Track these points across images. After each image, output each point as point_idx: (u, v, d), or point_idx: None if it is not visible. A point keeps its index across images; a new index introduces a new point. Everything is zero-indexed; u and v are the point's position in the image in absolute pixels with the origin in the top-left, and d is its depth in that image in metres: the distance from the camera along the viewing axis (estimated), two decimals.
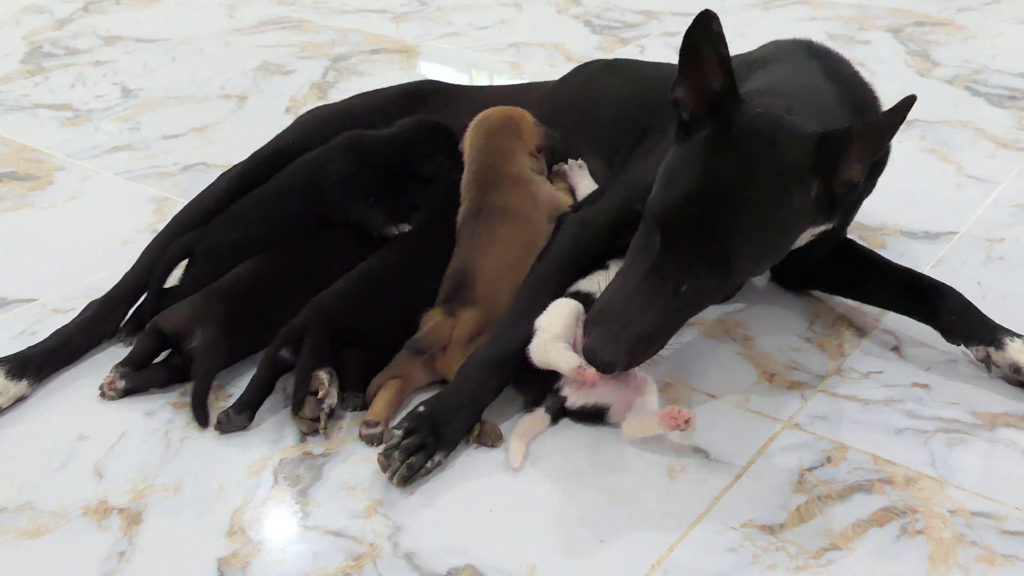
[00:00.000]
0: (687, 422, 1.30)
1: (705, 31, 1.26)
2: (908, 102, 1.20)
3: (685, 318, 1.33)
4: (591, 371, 1.31)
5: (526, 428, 1.37)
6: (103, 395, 1.46)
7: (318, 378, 1.39)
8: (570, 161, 1.72)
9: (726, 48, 1.27)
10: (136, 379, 1.46)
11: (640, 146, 1.63)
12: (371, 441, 1.36)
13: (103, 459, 1.36)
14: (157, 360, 1.50)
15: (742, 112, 1.29)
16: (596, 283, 1.47)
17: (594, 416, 1.39)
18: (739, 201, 1.25)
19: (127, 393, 1.46)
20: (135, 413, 1.43)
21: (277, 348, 1.43)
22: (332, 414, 1.39)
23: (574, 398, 1.38)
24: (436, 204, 1.66)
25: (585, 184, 1.70)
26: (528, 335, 1.41)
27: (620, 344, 1.27)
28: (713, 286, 1.30)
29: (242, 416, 1.39)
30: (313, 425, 1.38)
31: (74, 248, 1.88)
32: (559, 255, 1.52)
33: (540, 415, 1.38)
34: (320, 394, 1.38)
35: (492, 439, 1.36)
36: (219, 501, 1.29)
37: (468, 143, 1.68)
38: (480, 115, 1.71)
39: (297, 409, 1.38)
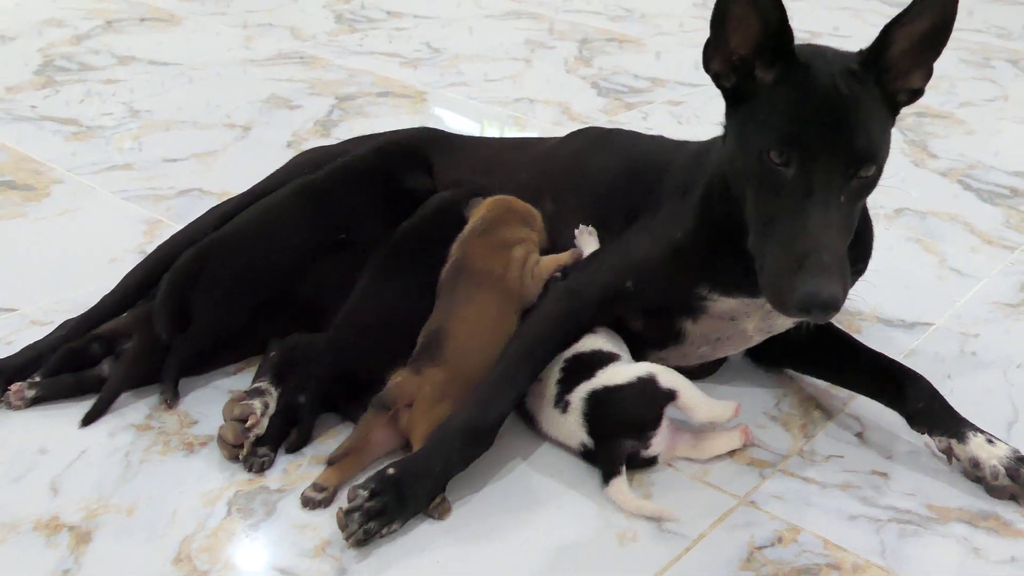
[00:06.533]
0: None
1: None
2: None
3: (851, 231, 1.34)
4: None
5: (632, 499, 1.37)
6: (9, 405, 1.47)
7: (250, 407, 1.39)
8: (581, 227, 1.67)
9: None
10: (46, 387, 1.49)
11: (631, 225, 1.59)
12: (307, 504, 1.33)
13: (60, 475, 1.37)
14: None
15: (799, 48, 1.35)
16: (593, 343, 1.48)
17: (650, 463, 1.43)
18: (855, 98, 1.30)
19: (35, 402, 1.48)
20: (97, 432, 1.44)
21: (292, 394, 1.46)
22: (257, 442, 1.39)
23: (656, 448, 1.41)
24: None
25: (592, 252, 1.65)
26: (509, 408, 1.41)
27: (834, 273, 1.25)
28: (868, 185, 1.34)
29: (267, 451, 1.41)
30: (235, 451, 1.39)
31: (61, 262, 1.89)
32: (546, 324, 1.49)
33: (622, 479, 1.38)
34: (248, 423, 1.38)
35: (442, 514, 1.33)
36: (171, 527, 1.29)
37: (481, 210, 1.67)
38: (503, 196, 1.70)
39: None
